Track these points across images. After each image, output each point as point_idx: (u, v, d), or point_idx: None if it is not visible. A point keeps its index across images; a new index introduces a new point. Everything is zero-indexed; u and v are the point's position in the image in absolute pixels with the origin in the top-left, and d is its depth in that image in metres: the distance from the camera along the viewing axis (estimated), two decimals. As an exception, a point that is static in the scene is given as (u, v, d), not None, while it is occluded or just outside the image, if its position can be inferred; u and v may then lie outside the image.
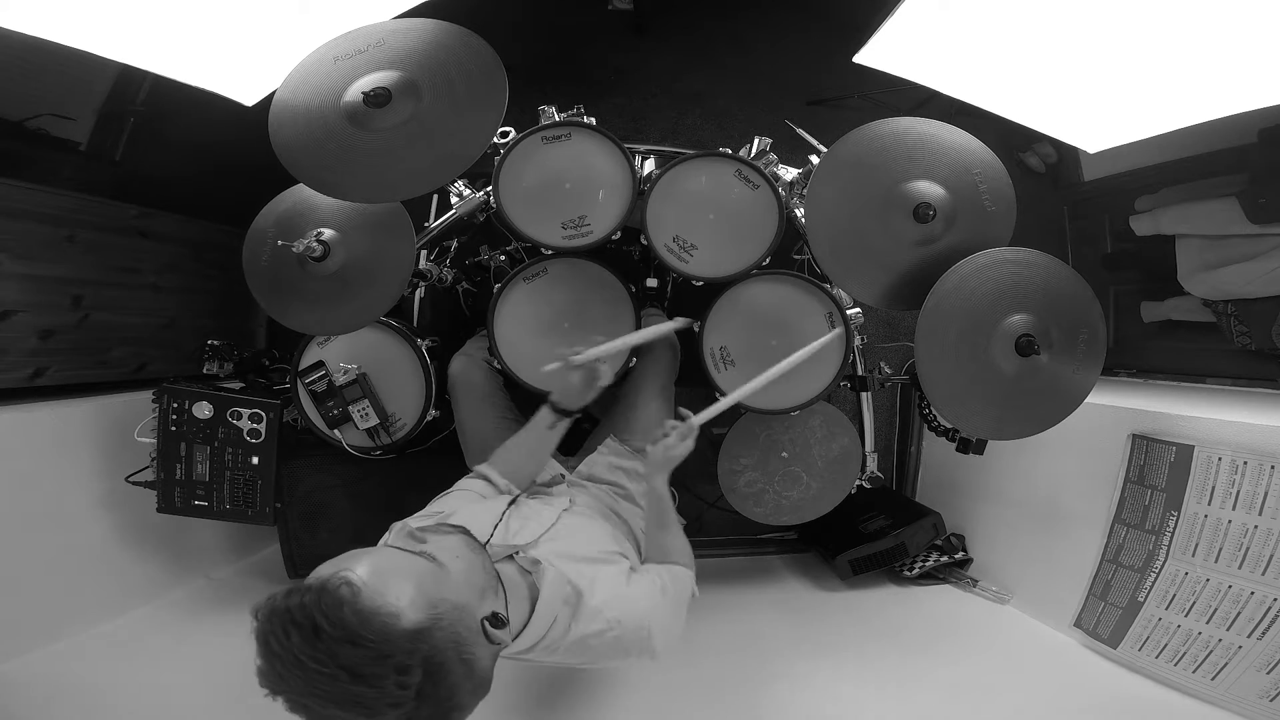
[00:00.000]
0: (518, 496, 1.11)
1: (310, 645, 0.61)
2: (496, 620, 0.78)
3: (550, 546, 0.98)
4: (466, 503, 1.07)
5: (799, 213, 1.44)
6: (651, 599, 0.96)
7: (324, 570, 0.69)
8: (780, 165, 1.47)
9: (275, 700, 0.64)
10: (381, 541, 0.98)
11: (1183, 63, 1.25)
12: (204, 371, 1.65)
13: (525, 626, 0.87)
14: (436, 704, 0.67)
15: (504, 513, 1.01)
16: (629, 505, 1.28)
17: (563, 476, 1.31)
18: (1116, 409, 1.63)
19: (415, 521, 0.98)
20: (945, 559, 1.95)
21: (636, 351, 1.43)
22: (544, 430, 1.18)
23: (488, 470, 1.16)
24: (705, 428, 1.18)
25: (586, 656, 0.92)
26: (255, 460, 1.53)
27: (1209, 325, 2.04)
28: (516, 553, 0.95)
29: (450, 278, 1.69)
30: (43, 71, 1.53)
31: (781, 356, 1.40)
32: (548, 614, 0.89)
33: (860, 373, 1.68)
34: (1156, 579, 1.47)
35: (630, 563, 1.04)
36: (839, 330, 1.37)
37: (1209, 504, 1.42)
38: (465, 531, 0.93)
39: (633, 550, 1.13)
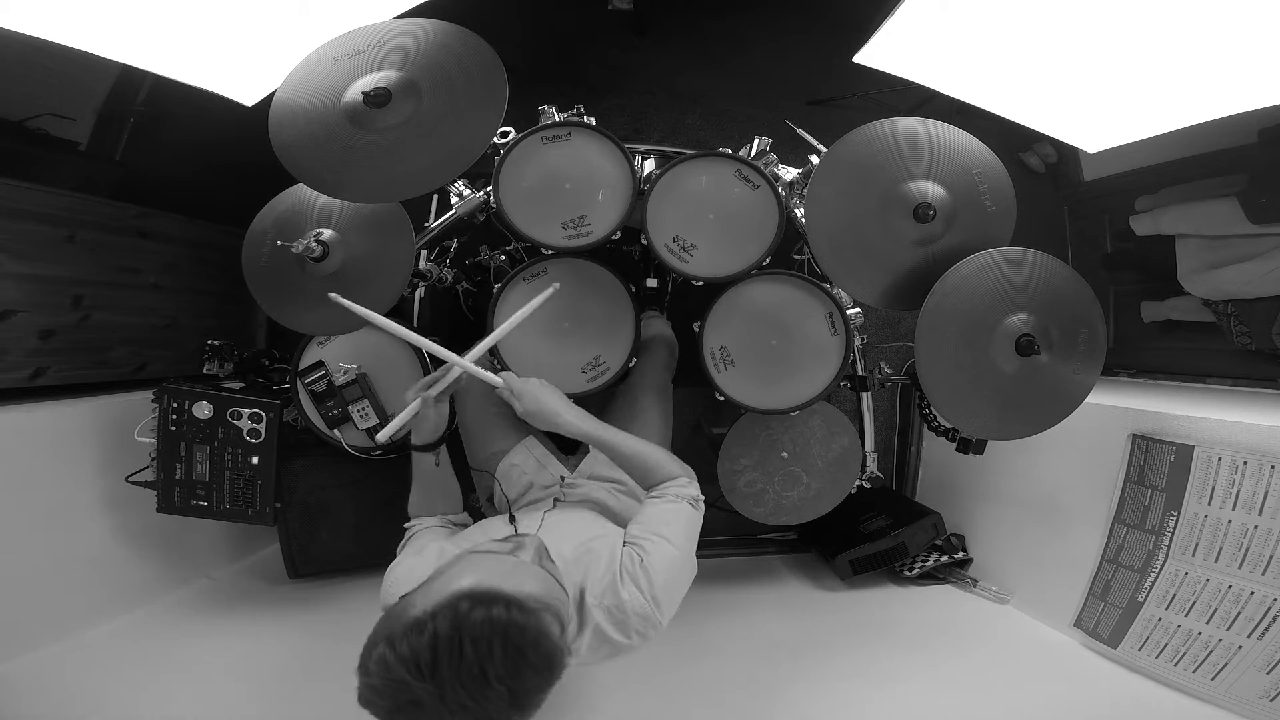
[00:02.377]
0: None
1: (506, 666, 0.63)
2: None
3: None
4: (441, 539, 1.08)
5: (799, 213, 1.43)
6: (650, 570, 0.93)
7: (500, 583, 0.72)
8: (780, 165, 1.47)
9: (370, 709, 0.65)
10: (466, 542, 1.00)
11: (1183, 63, 1.25)
12: (204, 371, 1.65)
13: None
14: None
15: (514, 527, 1.02)
16: (628, 500, 1.28)
17: (563, 478, 1.31)
18: (1116, 409, 1.63)
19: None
20: (945, 559, 1.95)
21: (635, 350, 1.43)
22: (434, 470, 1.17)
23: (426, 519, 1.17)
24: (705, 427, 1.18)
25: (606, 648, 0.91)
26: (255, 460, 1.53)
27: (1209, 325, 2.04)
28: None
29: (450, 278, 1.69)
30: (43, 71, 1.52)
31: (781, 356, 1.41)
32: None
33: (860, 373, 1.68)
34: (1156, 579, 1.47)
35: (622, 534, 1.02)
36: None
37: (1209, 504, 1.42)
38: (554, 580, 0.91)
39: (618, 528, 1.11)
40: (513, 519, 1.09)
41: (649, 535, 0.98)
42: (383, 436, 1.10)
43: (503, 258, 1.62)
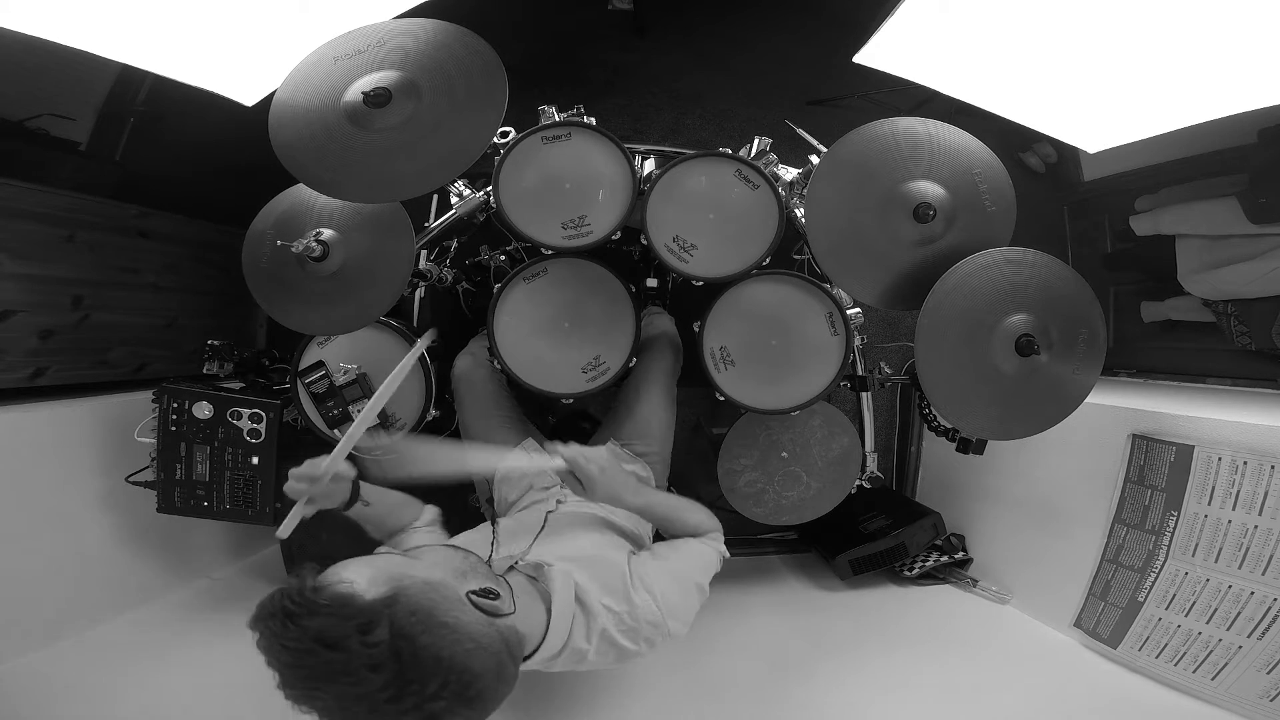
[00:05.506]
0: (497, 517, 1.13)
1: (283, 627, 0.64)
2: (485, 593, 0.77)
3: (546, 548, 0.98)
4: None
5: (799, 213, 1.43)
6: (659, 580, 0.95)
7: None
8: (780, 165, 1.47)
9: (304, 711, 0.67)
10: None
11: (1183, 63, 1.25)
12: (204, 371, 1.64)
13: (546, 631, 0.87)
14: (419, 664, 0.66)
15: (494, 531, 1.01)
16: None
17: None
18: (1116, 409, 1.63)
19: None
20: (945, 559, 1.95)
21: (635, 350, 1.43)
22: (368, 510, 1.13)
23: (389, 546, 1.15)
24: (705, 427, 1.18)
25: (613, 653, 0.91)
26: (255, 460, 1.53)
27: (1209, 325, 2.04)
28: (516, 562, 0.95)
29: (450, 278, 1.69)
30: (43, 71, 1.52)
31: (781, 356, 1.41)
32: (565, 614, 0.88)
33: (860, 373, 1.68)
34: (1156, 579, 1.47)
35: (630, 546, 1.04)
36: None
37: (1209, 504, 1.42)
38: (446, 545, 0.90)
39: (625, 540, 1.12)
40: (494, 522, 1.09)
41: (672, 551, 1.03)
42: (282, 533, 1.01)
43: (503, 258, 1.62)
